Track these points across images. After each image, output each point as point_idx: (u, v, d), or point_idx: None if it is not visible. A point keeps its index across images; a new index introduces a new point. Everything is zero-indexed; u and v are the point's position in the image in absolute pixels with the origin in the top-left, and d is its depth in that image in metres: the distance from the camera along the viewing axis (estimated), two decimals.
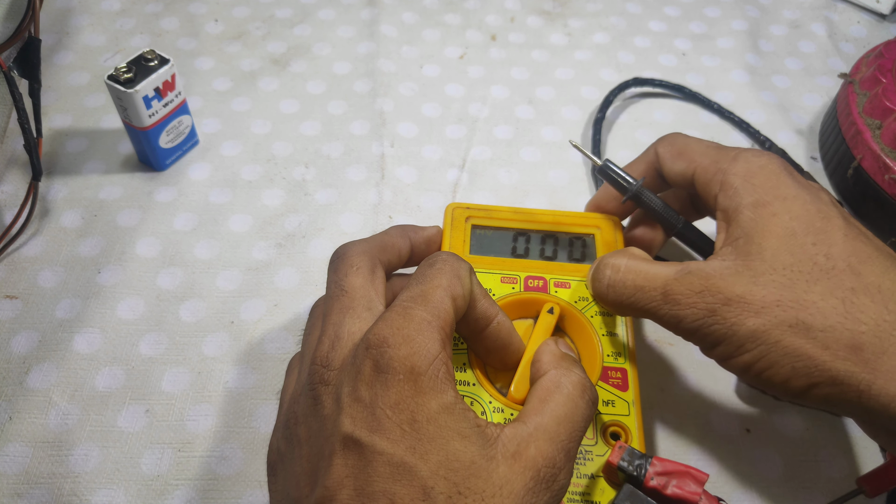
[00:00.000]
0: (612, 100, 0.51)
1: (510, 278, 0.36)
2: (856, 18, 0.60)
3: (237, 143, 0.49)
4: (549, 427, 0.26)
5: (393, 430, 0.24)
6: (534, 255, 0.37)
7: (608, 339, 0.34)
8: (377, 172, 0.47)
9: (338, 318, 0.28)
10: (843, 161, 0.46)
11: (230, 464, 0.35)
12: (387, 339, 0.25)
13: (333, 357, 0.27)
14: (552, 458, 0.25)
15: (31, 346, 0.38)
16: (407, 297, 0.27)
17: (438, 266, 0.28)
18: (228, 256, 0.43)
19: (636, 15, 0.60)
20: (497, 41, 0.57)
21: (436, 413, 0.24)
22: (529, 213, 0.38)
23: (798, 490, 0.35)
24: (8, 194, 0.45)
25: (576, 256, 0.37)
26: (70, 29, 0.56)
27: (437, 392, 0.24)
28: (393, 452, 0.23)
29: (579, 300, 0.35)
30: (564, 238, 0.38)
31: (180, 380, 0.38)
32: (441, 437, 0.24)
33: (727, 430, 0.37)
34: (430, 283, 0.27)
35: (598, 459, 0.31)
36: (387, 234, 0.33)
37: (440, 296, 0.27)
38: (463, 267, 0.29)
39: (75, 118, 0.50)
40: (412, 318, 0.26)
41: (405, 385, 0.24)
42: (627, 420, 0.32)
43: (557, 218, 0.38)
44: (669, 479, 0.28)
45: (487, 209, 0.38)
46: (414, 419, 0.24)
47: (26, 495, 0.33)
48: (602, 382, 0.33)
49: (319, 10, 0.58)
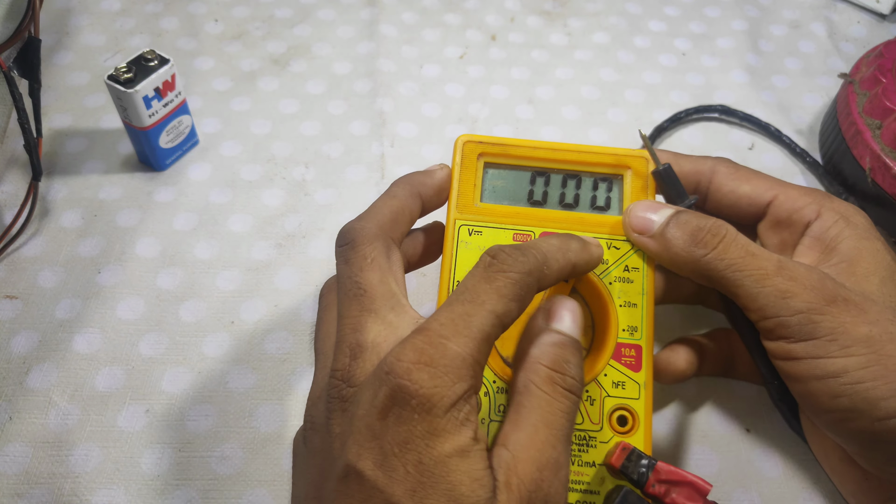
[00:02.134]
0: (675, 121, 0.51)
1: (524, 235, 0.32)
2: (856, 18, 0.60)
3: (237, 143, 0.49)
4: (527, 443, 0.24)
5: (397, 469, 0.22)
6: (552, 203, 0.33)
7: (625, 311, 0.31)
8: (377, 172, 0.47)
9: (357, 321, 0.26)
10: (843, 161, 0.46)
11: (230, 464, 0.35)
12: (409, 371, 0.23)
13: (355, 371, 0.25)
14: (537, 481, 0.24)
15: (31, 346, 0.38)
16: (446, 318, 0.24)
17: (499, 283, 0.25)
18: (228, 256, 0.43)
19: (636, 15, 0.60)
20: (497, 41, 0.57)
21: (446, 456, 0.23)
22: (551, 149, 0.34)
23: (798, 490, 0.35)
24: (8, 194, 0.45)
25: (599, 204, 0.33)
26: (70, 29, 0.56)
27: (454, 434, 0.23)
28: (392, 493, 0.22)
29: None
30: (588, 180, 0.34)
31: (180, 380, 0.38)
32: (448, 481, 0.22)
33: (727, 430, 0.37)
34: (477, 303, 0.24)
35: (602, 447, 0.29)
36: (394, 199, 0.30)
37: (483, 322, 0.24)
38: (528, 285, 0.25)
39: (75, 118, 0.50)
40: (445, 350, 0.23)
41: (419, 424, 0.23)
42: (636, 404, 0.30)
43: (583, 155, 0.34)
44: (671, 488, 0.27)
45: (503, 143, 0.34)
46: (420, 461, 0.22)
47: (26, 495, 0.33)
48: (614, 362, 0.30)
49: (319, 10, 0.58)
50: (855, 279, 0.30)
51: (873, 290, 0.29)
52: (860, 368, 0.27)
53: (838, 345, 0.27)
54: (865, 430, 0.27)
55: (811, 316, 0.28)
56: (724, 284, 0.30)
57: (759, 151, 0.50)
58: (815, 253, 0.32)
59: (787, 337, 0.28)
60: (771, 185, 0.34)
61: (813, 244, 0.32)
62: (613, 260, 0.32)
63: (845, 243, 0.31)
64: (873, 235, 0.31)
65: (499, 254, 0.26)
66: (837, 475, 0.32)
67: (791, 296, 0.28)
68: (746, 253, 0.29)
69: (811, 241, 0.32)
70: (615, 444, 0.29)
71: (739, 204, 0.34)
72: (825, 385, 0.28)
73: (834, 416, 0.28)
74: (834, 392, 0.27)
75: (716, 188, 0.35)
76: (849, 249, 0.31)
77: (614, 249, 0.32)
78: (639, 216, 0.32)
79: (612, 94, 0.53)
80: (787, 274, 0.29)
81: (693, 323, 0.40)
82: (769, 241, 0.34)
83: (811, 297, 0.28)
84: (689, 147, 0.50)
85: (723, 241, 0.30)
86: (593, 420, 0.30)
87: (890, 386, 0.27)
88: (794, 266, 0.29)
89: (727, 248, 0.29)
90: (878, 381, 0.27)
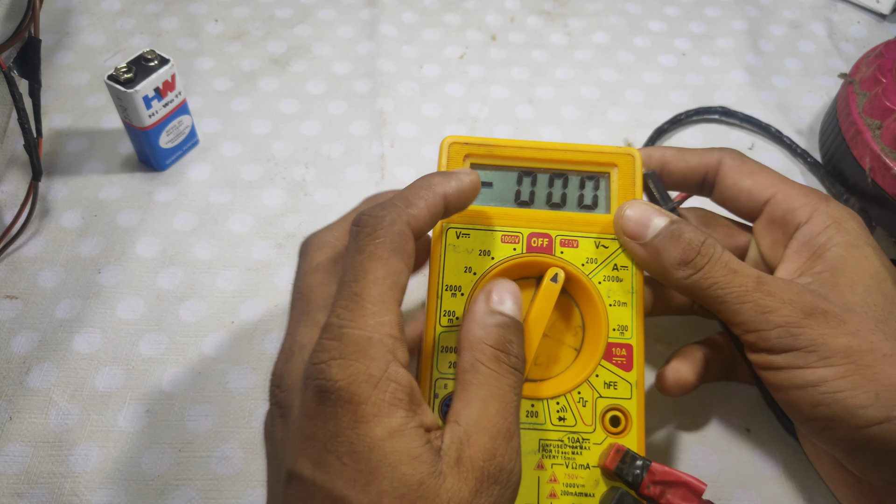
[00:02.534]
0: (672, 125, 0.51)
1: (512, 237, 0.32)
2: (856, 18, 0.60)
3: (237, 143, 0.49)
4: (477, 417, 0.25)
5: (332, 464, 0.23)
6: (539, 203, 0.34)
7: (615, 310, 0.31)
8: (377, 172, 0.47)
9: (293, 326, 0.27)
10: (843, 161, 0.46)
11: (230, 464, 0.35)
12: (322, 370, 0.23)
13: (284, 375, 0.26)
14: (490, 450, 0.24)
15: (31, 346, 0.38)
16: (340, 307, 0.24)
17: (370, 249, 0.25)
18: (228, 256, 0.43)
19: (636, 15, 0.60)
20: (497, 41, 0.57)
21: (380, 440, 0.23)
22: (537, 148, 0.34)
23: (798, 490, 0.35)
24: (8, 194, 0.45)
25: (586, 203, 0.34)
26: (70, 29, 0.56)
27: (382, 417, 0.23)
28: (332, 487, 0.23)
29: (587, 262, 0.32)
30: (575, 178, 0.34)
31: (180, 380, 0.38)
32: (386, 464, 0.23)
33: (727, 430, 0.37)
34: (364, 279, 0.24)
35: (595, 448, 0.29)
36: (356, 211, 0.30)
37: (378, 293, 0.24)
38: (397, 223, 0.25)
39: (75, 118, 0.50)
40: (349, 339, 0.24)
41: (344, 416, 0.23)
42: (629, 404, 0.30)
43: (569, 154, 0.34)
44: (666, 489, 0.27)
45: (489, 144, 0.34)
46: (354, 450, 0.23)
47: (26, 495, 0.33)
48: (605, 362, 0.30)
49: (319, 10, 0.58)
50: (838, 290, 0.30)
51: (856, 300, 0.29)
52: (839, 378, 0.27)
53: (817, 356, 0.28)
54: (847, 437, 0.28)
55: (790, 329, 0.28)
56: (707, 301, 0.30)
57: (759, 151, 0.50)
58: (802, 258, 0.32)
59: (769, 349, 0.29)
60: (771, 182, 0.34)
61: (801, 249, 0.32)
62: (602, 259, 0.32)
63: (832, 251, 0.31)
64: (863, 241, 0.31)
65: (360, 219, 0.26)
66: (830, 479, 0.32)
67: (770, 311, 0.29)
68: (728, 271, 0.30)
69: (798, 246, 0.32)
70: (609, 445, 0.29)
71: (740, 198, 0.34)
72: (806, 394, 0.28)
73: (816, 425, 0.29)
74: (814, 401, 0.28)
75: (721, 179, 0.35)
76: (835, 258, 0.31)
77: (602, 248, 0.32)
78: (632, 221, 0.31)
79: (612, 94, 0.53)
80: (766, 289, 0.29)
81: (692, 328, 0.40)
82: (763, 239, 0.34)
83: (789, 312, 0.28)
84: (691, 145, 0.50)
85: (709, 261, 0.30)
86: (586, 422, 0.30)
87: (868, 395, 0.27)
88: (772, 281, 0.29)
89: (713, 267, 0.30)
90: (856, 390, 0.27)
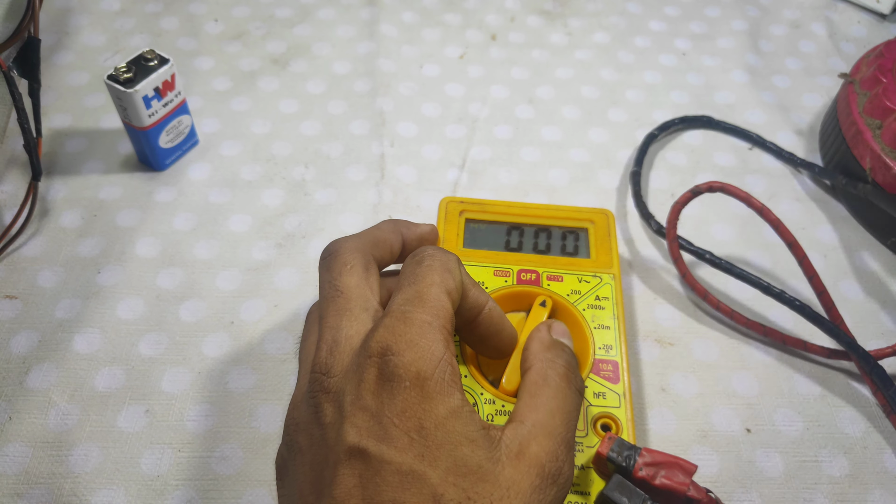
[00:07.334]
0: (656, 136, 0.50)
1: (503, 271, 0.37)
2: (856, 18, 0.60)
3: (237, 143, 0.49)
4: (545, 422, 0.26)
5: (401, 439, 0.23)
6: (527, 249, 0.38)
7: (600, 332, 0.35)
8: (377, 172, 0.47)
9: (335, 320, 0.28)
10: (843, 161, 0.46)
11: (230, 464, 0.35)
12: (390, 347, 0.25)
13: (333, 363, 0.26)
14: (554, 452, 0.25)
15: (31, 346, 0.38)
16: (402, 299, 0.27)
17: (427, 263, 0.28)
18: (228, 256, 0.43)
19: (636, 15, 0.60)
20: (497, 41, 0.57)
21: (444, 418, 0.24)
22: (523, 207, 0.40)
23: (798, 490, 0.35)
24: (8, 194, 0.45)
25: (569, 250, 0.38)
26: (70, 29, 0.56)
27: (445, 396, 0.24)
28: (402, 461, 0.23)
29: (571, 293, 0.36)
30: (558, 232, 0.39)
31: (180, 380, 0.38)
32: (449, 442, 0.24)
33: (727, 430, 0.36)
34: (423, 282, 0.27)
35: (588, 451, 0.31)
36: (378, 230, 0.33)
37: (436, 294, 0.27)
38: (451, 259, 0.29)
39: (75, 118, 0.50)
40: (413, 321, 0.25)
41: (412, 392, 0.24)
42: (618, 412, 0.32)
43: (551, 212, 0.40)
44: (658, 470, 0.28)
45: (481, 203, 0.40)
46: (422, 426, 0.24)
47: (26, 495, 0.33)
48: (593, 375, 0.33)
49: (319, 10, 0.58)
50: None
51: None
52: None
53: None
54: None
55: None
56: None
57: (759, 152, 0.50)
58: None
59: None
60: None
61: None
62: (585, 291, 0.36)
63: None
64: None
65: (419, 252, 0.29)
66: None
67: None
68: None
69: None
70: (602, 437, 0.31)
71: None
72: None
73: None
74: None
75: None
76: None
77: (585, 283, 0.36)
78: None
79: (612, 94, 0.53)
80: None
81: (692, 327, 0.41)
82: None
83: None
84: (689, 148, 0.50)
85: None
86: (579, 427, 0.32)
87: None
88: None
89: None
90: None
